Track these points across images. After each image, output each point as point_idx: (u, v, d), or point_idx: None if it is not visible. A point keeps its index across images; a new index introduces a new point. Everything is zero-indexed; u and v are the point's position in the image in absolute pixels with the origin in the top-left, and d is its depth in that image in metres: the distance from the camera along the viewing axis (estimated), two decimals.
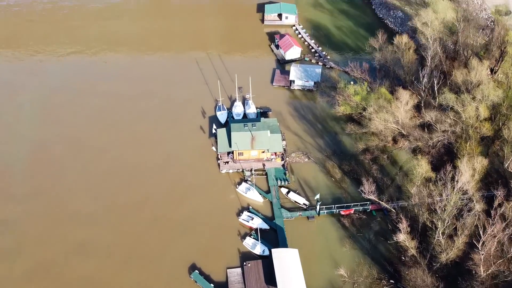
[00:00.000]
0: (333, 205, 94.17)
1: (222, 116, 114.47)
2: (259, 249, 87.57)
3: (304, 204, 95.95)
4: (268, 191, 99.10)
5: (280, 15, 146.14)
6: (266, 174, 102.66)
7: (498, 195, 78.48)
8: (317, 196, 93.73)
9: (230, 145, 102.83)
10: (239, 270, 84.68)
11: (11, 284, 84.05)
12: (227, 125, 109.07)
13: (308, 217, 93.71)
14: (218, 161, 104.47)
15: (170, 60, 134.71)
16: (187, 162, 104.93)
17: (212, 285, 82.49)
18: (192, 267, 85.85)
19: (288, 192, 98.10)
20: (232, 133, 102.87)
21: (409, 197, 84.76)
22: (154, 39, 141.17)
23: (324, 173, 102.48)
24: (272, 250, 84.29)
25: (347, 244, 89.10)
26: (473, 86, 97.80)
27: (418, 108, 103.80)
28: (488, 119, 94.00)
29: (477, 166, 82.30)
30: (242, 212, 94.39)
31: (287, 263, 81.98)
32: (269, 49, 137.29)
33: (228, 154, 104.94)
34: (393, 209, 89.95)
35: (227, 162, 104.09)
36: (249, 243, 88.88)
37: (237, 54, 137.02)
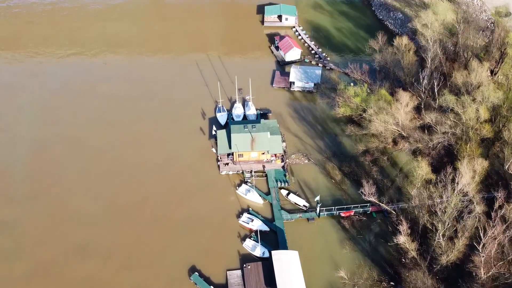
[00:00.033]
0: (333, 207, 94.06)
1: (222, 118, 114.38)
2: (259, 251, 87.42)
3: (304, 206, 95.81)
4: (268, 193, 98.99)
5: (280, 17, 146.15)
6: (266, 176, 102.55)
7: (499, 197, 78.54)
8: (317, 198, 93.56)
9: (230, 147, 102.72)
10: (239, 272, 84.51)
11: (11, 285, 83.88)
12: (227, 127, 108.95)
13: (308, 219, 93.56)
14: (218, 163, 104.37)
15: (170, 62, 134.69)
16: (187, 164, 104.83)
17: (212, 287, 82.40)
18: (192, 269, 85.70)
19: (288, 194, 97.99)
20: (232, 135, 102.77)
21: (409, 199, 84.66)
22: (154, 41, 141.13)
23: (324, 175, 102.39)
24: (272, 252, 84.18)
25: (347, 246, 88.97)
26: (473, 88, 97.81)
27: (418, 110, 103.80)
28: (488, 121, 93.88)
29: (478, 168, 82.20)
30: (242, 214, 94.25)
31: (287, 265, 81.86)
32: (269, 51, 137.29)
33: (228, 156, 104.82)
34: (393, 211, 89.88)
35: (227, 164, 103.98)
36: (249, 245, 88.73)
37: (237, 56, 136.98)
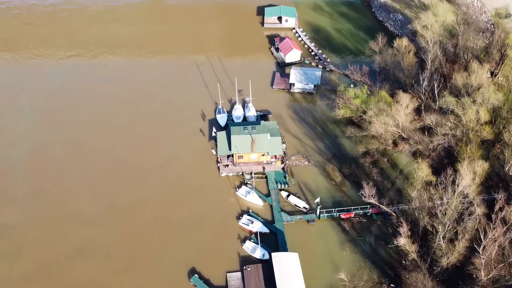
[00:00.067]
0: (333, 209, 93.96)
1: (222, 119, 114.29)
2: (259, 253, 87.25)
3: (304, 208, 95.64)
4: (268, 195, 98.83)
5: (280, 18, 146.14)
6: (266, 177, 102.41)
7: (499, 199, 78.41)
8: (317, 200, 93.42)
9: (230, 148, 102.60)
10: (239, 274, 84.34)
11: (11, 285, 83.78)
12: (227, 128, 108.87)
13: (308, 221, 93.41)
14: (218, 164, 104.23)
15: (170, 63, 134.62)
16: (187, 165, 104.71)
17: None
18: (192, 271, 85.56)
19: (288, 196, 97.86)
20: (232, 136, 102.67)
21: (410, 201, 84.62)
22: (154, 42, 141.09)
23: (324, 176, 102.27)
24: (272, 254, 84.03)
25: (348, 248, 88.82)
26: (474, 90, 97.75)
27: (418, 111, 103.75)
28: (489, 123, 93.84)
29: (478, 170, 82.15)
30: (242, 216, 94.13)
31: (287, 267, 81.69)
32: (269, 52, 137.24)
33: (228, 157, 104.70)
34: (394, 213, 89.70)
35: (227, 165, 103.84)
36: (249, 247, 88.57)
37: (237, 57, 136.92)
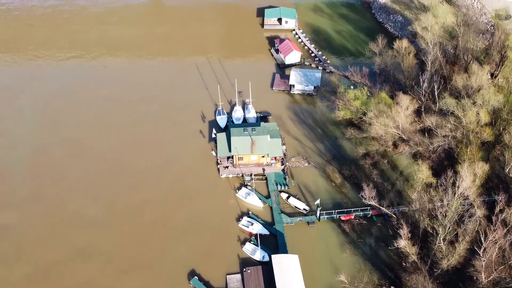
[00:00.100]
0: (334, 210, 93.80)
1: (222, 121, 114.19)
2: (259, 255, 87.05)
3: (304, 209, 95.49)
4: (268, 196, 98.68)
5: (280, 20, 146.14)
6: (266, 179, 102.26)
7: (499, 201, 78.26)
8: (317, 201, 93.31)
9: (230, 150, 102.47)
10: (239, 276, 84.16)
11: (11, 287, 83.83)
12: (227, 130, 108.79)
13: (308, 223, 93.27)
14: (218, 166, 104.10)
15: (170, 65, 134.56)
16: (187, 167, 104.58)
17: None
18: (192, 273, 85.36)
19: (288, 197, 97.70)
20: (232, 138, 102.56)
21: (410, 203, 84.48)
22: (154, 44, 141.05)
23: (324, 178, 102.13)
24: (272, 256, 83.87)
25: (348, 250, 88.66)
26: (474, 91, 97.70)
27: (419, 113, 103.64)
28: (489, 124, 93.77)
29: (478, 172, 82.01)
30: (242, 218, 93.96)
31: (287, 269, 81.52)
32: (269, 54, 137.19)
33: (228, 159, 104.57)
34: (394, 215, 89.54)
35: (227, 167, 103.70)
36: (249, 249, 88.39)
37: (237, 59, 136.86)
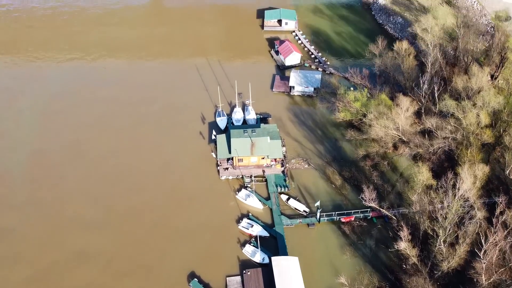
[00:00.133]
0: (334, 212, 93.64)
1: (222, 122, 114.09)
2: (259, 257, 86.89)
3: (304, 211, 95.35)
4: (268, 198, 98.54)
5: (280, 21, 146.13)
6: (266, 181, 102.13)
7: (500, 202, 78.13)
8: (317, 203, 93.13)
9: (230, 151, 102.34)
10: (239, 278, 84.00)
11: None
12: (227, 131, 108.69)
13: (309, 224, 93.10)
14: (218, 168, 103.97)
15: (170, 66, 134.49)
16: (187, 168, 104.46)
17: None
18: (191, 275, 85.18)
19: (288, 199, 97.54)
20: (232, 139, 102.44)
21: (410, 205, 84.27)
22: (154, 45, 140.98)
23: (324, 180, 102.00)
24: (272, 258, 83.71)
25: (348, 252, 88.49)
26: (474, 93, 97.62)
27: (419, 115, 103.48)
28: (489, 126, 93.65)
29: (478, 173, 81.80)
30: (242, 219, 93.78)
31: (287, 271, 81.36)
32: (269, 55, 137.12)
33: (228, 161, 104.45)
34: (394, 217, 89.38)
35: (227, 169, 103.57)
36: (249, 251, 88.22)
37: (237, 60, 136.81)
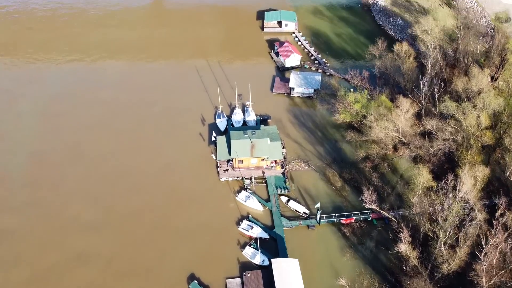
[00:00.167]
0: (334, 214, 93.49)
1: (222, 124, 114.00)
2: (259, 259, 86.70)
3: (304, 213, 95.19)
4: (268, 200, 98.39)
5: (280, 23, 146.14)
6: (266, 182, 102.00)
7: (500, 204, 78.00)
8: (318, 205, 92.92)
9: (230, 153, 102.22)
10: (239, 281, 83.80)
11: None
12: (227, 133, 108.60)
13: (309, 226, 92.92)
14: (218, 169, 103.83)
15: (170, 68, 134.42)
16: (187, 170, 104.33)
17: None
18: (191, 277, 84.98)
19: (288, 201, 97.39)
20: (232, 141, 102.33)
21: (410, 207, 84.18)
22: (154, 47, 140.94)
23: (325, 181, 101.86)
24: (272, 260, 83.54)
25: (348, 254, 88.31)
26: (474, 94, 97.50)
27: (419, 116, 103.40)
28: (489, 128, 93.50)
29: (479, 175, 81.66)
30: (242, 221, 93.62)
31: (287, 273, 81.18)
32: (269, 57, 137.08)
33: (228, 162, 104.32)
34: (394, 218, 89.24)
35: (227, 170, 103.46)
36: (249, 253, 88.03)
37: (237, 62, 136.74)
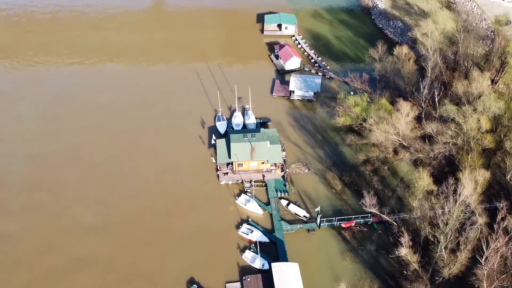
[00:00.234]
0: (334, 218, 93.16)
1: (222, 127, 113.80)
2: (259, 263, 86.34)
3: (305, 217, 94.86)
4: (268, 203, 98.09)
5: (280, 26, 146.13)
6: (266, 186, 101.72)
7: (501, 208, 77.65)
8: (318, 208, 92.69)
9: (230, 156, 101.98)
10: (238, 285, 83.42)
11: None
12: (227, 136, 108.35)
13: (309, 230, 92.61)
14: (218, 172, 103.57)
15: (170, 71, 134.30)
16: (186, 173, 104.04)
17: None
18: (191, 281, 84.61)
19: (288, 204, 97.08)
20: (232, 144, 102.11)
21: (411, 210, 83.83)
22: (154, 50, 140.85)
23: (325, 185, 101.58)
24: (272, 264, 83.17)
25: (348, 258, 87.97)
26: (474, 98, 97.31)
27: (419, 119, 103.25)
28: (490, 131, 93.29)
29: (479, 179, 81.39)
30: (242, 225, 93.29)
31: (287, 278, 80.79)
32: (269, 60, 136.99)
33: (228, 165, 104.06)
34: (395, 222, 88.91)
35: (227, 173, 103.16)
36: (249, 257, 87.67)
37: (237, 65, 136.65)
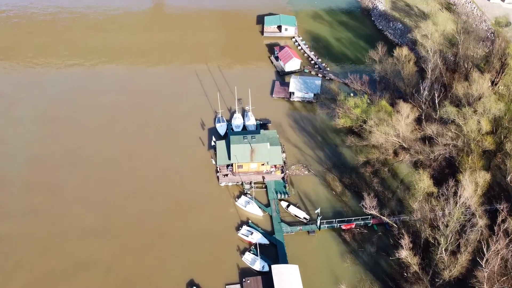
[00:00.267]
0: (334, 219, 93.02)
1: (222, 128, 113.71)
2: (259, 265, 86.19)
3: (305, 218, 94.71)
4: (268, 205, 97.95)
5: (280, 27, 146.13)
6: (266, 187, 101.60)
7: (501, 210, 77.53)
8: (318, 210, 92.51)
9: (230, 158, 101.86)
10: (238, 287, 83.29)
11: None
12: (227, 137, 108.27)
13: (309, 232, 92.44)
14: (217, 174, 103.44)
15: (170, 72, 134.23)
16: (186, 175, 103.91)
17: None
18: (190, 283, 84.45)
19: (288, 206, 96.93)
20: (232, 146, 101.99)
21: (411, 212, 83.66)
22: (154, 51, 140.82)
23: (325, 186, 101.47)
24: (272, 266, 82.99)
25: (348, 260, 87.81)
26: (474, 99, 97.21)
27: (419, 121, 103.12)
28: (490, 133, 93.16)
29: (480, 180, 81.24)
30: (241, 227, 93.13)
31: (287, 280, 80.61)
32: (269, 61, 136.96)
33: (228, 167, 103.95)
34: (395, 224, 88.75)
35: (226, 175, 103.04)
36: (249, 259, 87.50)
37: (237, 66, 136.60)
